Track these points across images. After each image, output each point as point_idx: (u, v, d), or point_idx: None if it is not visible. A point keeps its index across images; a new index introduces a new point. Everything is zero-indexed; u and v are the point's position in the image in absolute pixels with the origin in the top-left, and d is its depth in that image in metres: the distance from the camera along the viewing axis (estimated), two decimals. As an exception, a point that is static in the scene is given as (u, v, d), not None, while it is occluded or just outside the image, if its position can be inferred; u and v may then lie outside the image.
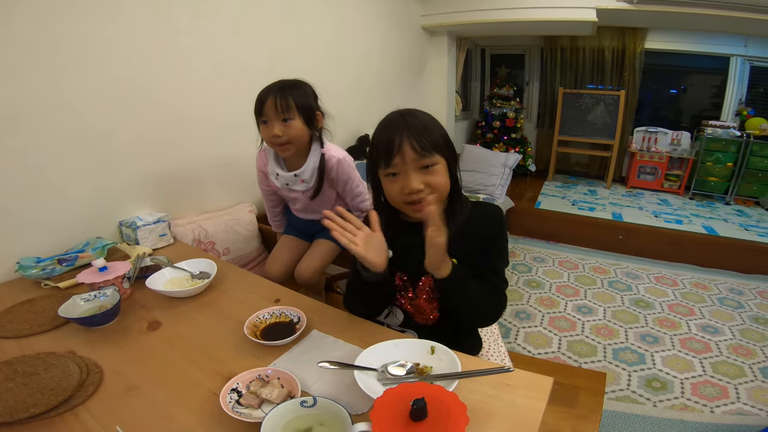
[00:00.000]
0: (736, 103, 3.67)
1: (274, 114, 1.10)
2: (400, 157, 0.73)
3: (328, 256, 1.37)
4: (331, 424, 0.55)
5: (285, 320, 0.85)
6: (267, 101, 1.10)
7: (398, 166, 0.74)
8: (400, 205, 0.78)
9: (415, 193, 0.74)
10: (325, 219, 0.73)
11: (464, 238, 0.79)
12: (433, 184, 0.75)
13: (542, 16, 2.85)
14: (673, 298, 2.34)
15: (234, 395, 0.64)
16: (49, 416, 0.63)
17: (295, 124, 1.12)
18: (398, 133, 0.73)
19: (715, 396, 1.61)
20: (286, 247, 1.43)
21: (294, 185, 1.26)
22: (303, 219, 1.44)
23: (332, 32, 2.26)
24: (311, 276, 1.31)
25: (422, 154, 0.73)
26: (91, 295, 0.91)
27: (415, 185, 0.73)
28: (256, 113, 1.14)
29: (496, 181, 3.06)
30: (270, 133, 1.12)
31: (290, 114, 1.11)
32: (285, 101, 1.09)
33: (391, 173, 0.76)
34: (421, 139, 0.72)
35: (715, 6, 2.51)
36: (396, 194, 0.76)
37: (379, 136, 0.76)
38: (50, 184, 1.17)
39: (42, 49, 1.09)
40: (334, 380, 0.69)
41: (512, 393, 0.66)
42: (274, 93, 1.10)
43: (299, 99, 1.12)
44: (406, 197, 0.75)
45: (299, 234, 1.47)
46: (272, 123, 1.11)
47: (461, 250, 0.78)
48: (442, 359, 0.69)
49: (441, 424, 0.49)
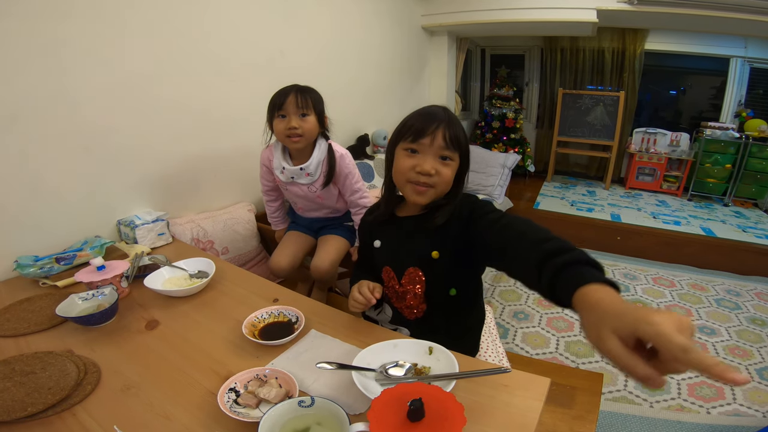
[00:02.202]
0: (736, 104, 3.68)
1: (294, 109, 1.22)
2: (430, 139, 0.77)
3: (341, 250, 1.42)
4: (329, 424, 0.55)
5: (283, 320, 0.86)
6: (289, 97, 1.22)
7: (424, 146, 0.78)
8: (403, 181, 0.81)
9: (425, 174, 0.77)
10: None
11: (447, 228, 0.82)
12: (443, 174, 0.79)
13: (542, 16, 2.84)
14: (670, 299, 2.35)
15: (232, 395, 0.64)
16: (47, 415, 0.63)
17: (310, 119, 1.24)
18: (437, 121, 0.78)
19: (711, 397, 1.62)
20: (293, 242, 1.46)
21: (299, 179, 1.33)
22: (308, 218, 1.49)
23: (332, 31, 2.25)
24: (329, 268, 1.36)
25: (449, 145, 0.78)
26: (89, 294, 0.91)
27: (428, 167, 0.77)
28: (274, 108, 1.24)
29: (495, 182, 3.06)
30: (287, 125, 1.22)
31: (308, 110, 1.24)
32: (305, 99, 1.23)
33: (412, 149, 0.79)
34: (453, 134, 0.78)
35: (715, 7, 2.51)
36: (406, 169, 0.79)
37: (415, 118, 0.80)
38: (48, 182, 1.17)
39: (40, 48, 1.09)
40: (333, 380, 0.69)
41: (509, 393, 0.66)
42: (295, 91, 1.23)
43: (315, 99, 1.27)
44: (415, 176, 0.78)
45: (304, 230, 1.50)
46: (290, 117, 1.22)
47: (445, 242, 0.82)
48: (440, 360, 0.69)
49: (438, 425, 0.49)
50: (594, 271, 0.51)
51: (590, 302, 0.46)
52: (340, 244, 1.43)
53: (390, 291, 0.91)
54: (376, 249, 0.92)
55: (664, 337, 0.36)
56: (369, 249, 0.94)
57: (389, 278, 0.90)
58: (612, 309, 0.43)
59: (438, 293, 0.86)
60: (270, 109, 1.25)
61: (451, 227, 0.81)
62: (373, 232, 0.93)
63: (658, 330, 0.36)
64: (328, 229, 1.47)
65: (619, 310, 0.42)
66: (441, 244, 0.82)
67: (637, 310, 0.40)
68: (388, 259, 0.90)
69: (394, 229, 0.90)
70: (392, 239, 0.90)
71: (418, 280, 0.85)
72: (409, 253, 0.86)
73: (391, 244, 0.90)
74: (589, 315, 0.45)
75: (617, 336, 0.40)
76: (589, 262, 0.53)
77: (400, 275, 0.88)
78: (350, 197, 1.40)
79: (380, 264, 0.92)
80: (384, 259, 0.91)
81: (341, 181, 1.36)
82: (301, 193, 1.37)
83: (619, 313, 0.42)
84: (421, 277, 0.85)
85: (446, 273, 0.84)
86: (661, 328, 0.36)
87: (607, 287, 0.47)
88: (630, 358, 0.39)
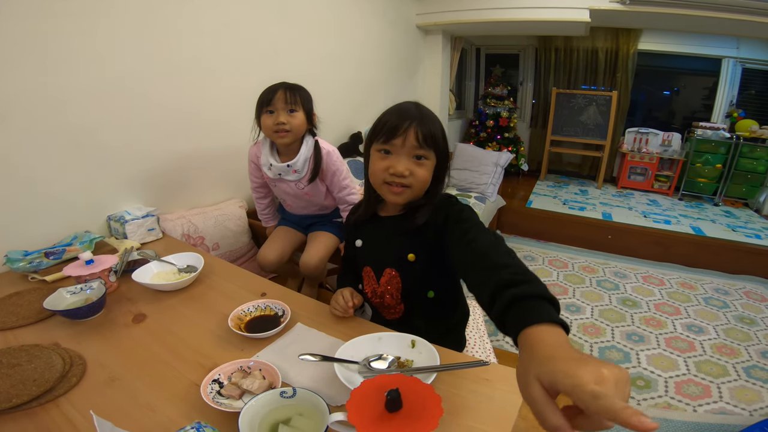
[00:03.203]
0: (727, 104, 3.72)
1: (283, 105, 1.22)
2: (401, 140, 0.75)
3: (330, 246, 1.43)
4: (310, 415, 0.56)
5: (270, 313, 0.86)
6: (278, 93, 1.22)
7: (396, 147, 0.76)
8: (378, 183, 0.80)
9: (398, 175, 0.76)
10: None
11: (426, 231, 0.80)
12: (417, 175, 0.77)
13: (536, 16, 2.86)
14: (659, 298, 2.37)
15: (216, 386, 0.65)
16: (31, 407, 0.63)
17: (298, 116, 1.25)
18: (409, 119, 0.75)
19: (698, 395, 1.63)
20: (281, 237, 1.47)
21: (286, 175, 1.33)
22: (297, 215, 1.50)
23: (327, 30, 2.25)
24: (318, 264, 1.36)
25: (422, 144, 0.75)
26: (77, 288, 0.91)
27: (401, 168, 0.76)
28: (263, 104, 1.24)
29: (487, 180, 3.07)
30: (275, 121, 1.23)
31: (296, 107, 1.24)
32: (293, 95, 1.24)
33: (385, 150, 0.78)
34: (426, 131, 0.75)
35: (707, 8, 2.53)
36: (380, 171, 0.78)
37: (388, 117, 0.78)
38: (38, 178, 1.17)
39: (29, 46, 1.09)
40: (316, 372, 0.70)
41: (490, 387, 0.67)
42: (284, 88, 1.24)
43: (304, 97, 1.27)
44: (389, 177, 0.77)
45: (294, 226, 1.51)
46: (278, 112, 1.23)
47: (422, 245, 0.81)
48: (422, 353, 0.70)
49: (415, 415, 0.50)
50: (546, 308, 0.48)
51: (529, 344, 0.44)
52: (329, 240, 1.43)
53: (370, 291, 0.91)
54: (357, 248, 0.92)
55: (578, 388, 0.35)
56: (352, 248, 0.94)
57: (369, 278, 0.90)
58: (543, 355, 0.41)
59: (415, 294, 0.86)
60: (258, 105, 1.26)
61: (428, 230, 0.80)
62: (355, 232, 0.93)
63: (574, 382, 0.35)
64: (317, 225, 1.48)
65: (549, 357, 0.40)
66: (418, 247, 0.82)
67: (565, 361, 0.38)
68: (368, 259, 0.90)
69: (374, 229, 0.90)
70: (372, 239, 0.90)
71: (395, 282, 0.86)
72: (387, 254, 0.86)
73: (371, 244, 0.90)
74: (523, 357, 0.43)
75: (540, 383, 0.38)
76: (544, 297, 0.50)
77: (378, 276, 0.88)
78: (338, 194, 1.40)
79: (361, 264, 0.92)
80: (364, 259, 0.91)
81: (329, 178, 1.37)
82: (289, 190, 1.38)
83: (547, 359, 0.40)
84: (397, 277, 0.85)
85: (422, 275, 0.84)
86: (577, 380, 0.35)
87: (555, 328, 0.45)
88: (544, 406, 0.37)
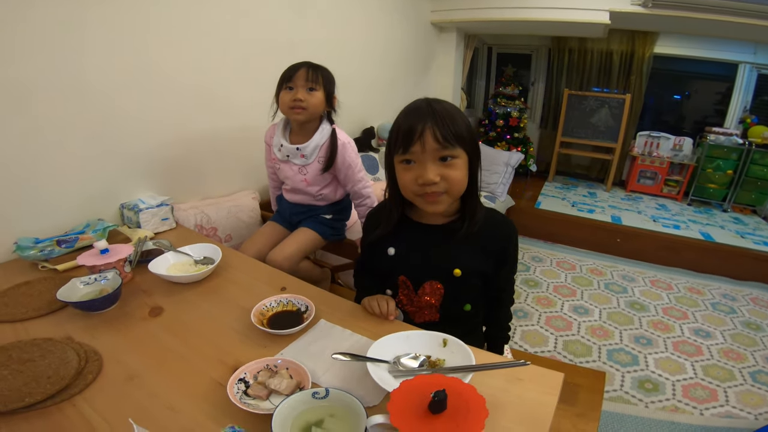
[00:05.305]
0: (741, 110, 3.68)
1: (303, 82, 1.20)
2: (420, 145, 0.68)
3: (305, 244, 1.33)
4: (342, 416, 0.54)
5: (292, 309, 0.84)
6: (300, 70, 1.20)
7: (416, 153, 0.69)
8: (411, 196, 0.74)
9: (429, 184, 0.69)
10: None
11: (473, 246, 0.78)
12: (450, 178, 0.70)
13: (555, 16, 2.81)
14: (667, 302, 2.36)
15: (241, 385, 0.63)
16: (45, 406, 0.59)
17: (317, 94, 1.22)
18: (422, 120, 0.68)
19: (704, 398, 1.64)
20: (265, 233, 1.41)
21: (294, 158, 1.30)
22: (290, 202, 1.42)
23: (340, 24, 2.22)
24: (282, 262, 1.24)
25: (444, 144, 0.68)
26: (91, 279, 0.88)
27: (430, 176, 0.68)
28: (284, 80, 1.22)
29: (498, 180, 3.05)
30: (293, 97, 1.20)
31: (316, 85, 1.22)
32: (315, 73, 1.21)
33: (407, 160, 0.71)
34: (445, 129, 0.67)
35: (728, 12, 2.49)
36: (409, 183, 0.72)
37: (401, 121, 0.71)
38: (52, 164, 1.14)
39: (49, 31, 1.06)
40: (344, 371, 0.67)
41: (523, 387, 0.65)
42: (306, 65, 1.22)
43: (326, 76, 1.25)
44: (420, 188, 0.71)
45: (283, 222, 1.45)
46: (298, 89, 1.20)
47: (470, 262, 0.78)
48: (455, 352, 0.68)
49: (460, 417, 0.48)
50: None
51: None
52: (307, 238, 1.34)
53: (405, 299, 0.86)
54: (389, 256, 0.84)
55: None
56: (376, 252, 0.86)
57: (405, 287, 0.85)
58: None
59: (453, 307, 0.84)
60: (279, 82, 1.23)
61: (478, 246, 0.76)
62: (386, 238, 0.84)
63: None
64: (306, 222, 1.39)
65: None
66: (466, 262, 0.78)
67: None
68: (405, 269, 0.83)
69: (413, 238, 0.82)
70: (411, 248, 0.82)
71: (437, 293, 0.82)
72: (428, 265, 0.81)
73: (409, 253, 0.82)
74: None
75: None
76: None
77: (416, 286, 0.83)
78: (353, 188, 1.35)
79: (396, 272, 0.85)
80: (400, 268, 0.84)
81: (343, 171, 1.31)
82: (290, 173, 1.32)
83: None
84: (441, 290, 0.82)
85: (464, 291, 0.82)
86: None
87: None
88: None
